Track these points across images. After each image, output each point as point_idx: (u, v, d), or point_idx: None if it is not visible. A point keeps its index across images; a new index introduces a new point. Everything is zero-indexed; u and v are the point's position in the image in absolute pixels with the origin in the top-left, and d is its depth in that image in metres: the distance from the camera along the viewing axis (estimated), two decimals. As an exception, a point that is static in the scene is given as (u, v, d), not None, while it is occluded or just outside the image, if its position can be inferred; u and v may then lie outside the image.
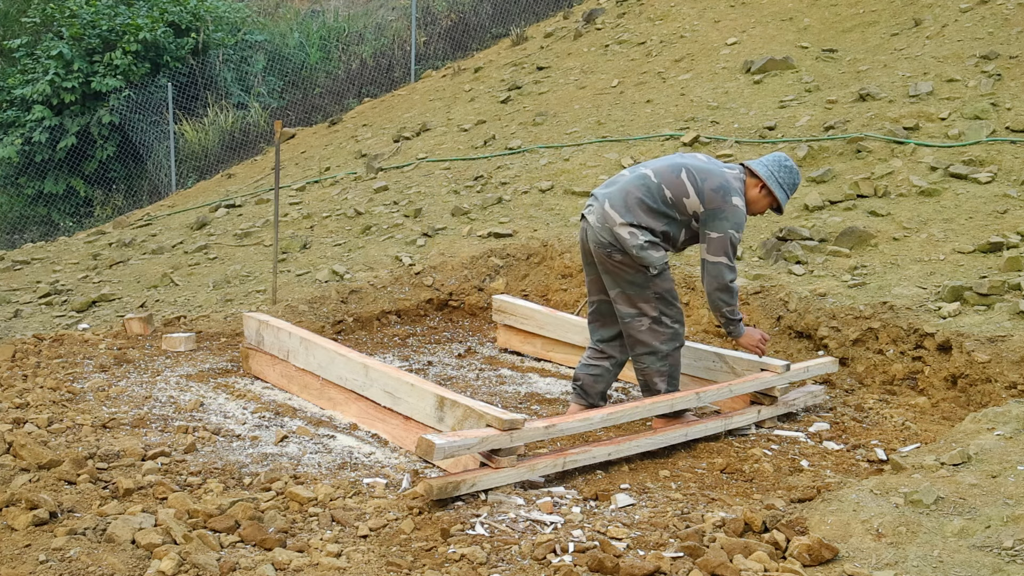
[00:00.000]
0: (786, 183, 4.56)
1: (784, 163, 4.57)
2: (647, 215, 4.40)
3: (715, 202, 4.39)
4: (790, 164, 4.59)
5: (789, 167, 4.58)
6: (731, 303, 4.46)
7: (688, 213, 4.43)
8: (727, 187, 4.42)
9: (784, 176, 4.55)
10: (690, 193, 4.40)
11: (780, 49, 9.90)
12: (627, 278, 4.43)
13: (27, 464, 3.77)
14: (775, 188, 4.53)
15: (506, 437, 3.73)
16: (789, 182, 4.57)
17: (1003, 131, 7.05)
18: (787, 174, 4.56)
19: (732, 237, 4.38)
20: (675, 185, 4.42)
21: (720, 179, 4.44)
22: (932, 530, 3.11)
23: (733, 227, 4.38)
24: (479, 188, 8.63)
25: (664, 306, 4.46)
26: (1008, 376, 4.59)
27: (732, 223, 4.38)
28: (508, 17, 15.97)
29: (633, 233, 4.35)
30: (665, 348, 4.49)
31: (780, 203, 4.58)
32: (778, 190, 4.54)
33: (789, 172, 4.57)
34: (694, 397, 4.45)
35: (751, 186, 4.55)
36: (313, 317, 6.48)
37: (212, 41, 16.00)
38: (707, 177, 4.43)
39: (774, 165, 4.56)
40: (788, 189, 4.59)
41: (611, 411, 4.23)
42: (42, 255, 9.15)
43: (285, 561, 3.08)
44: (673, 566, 3.02)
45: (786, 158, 4.61)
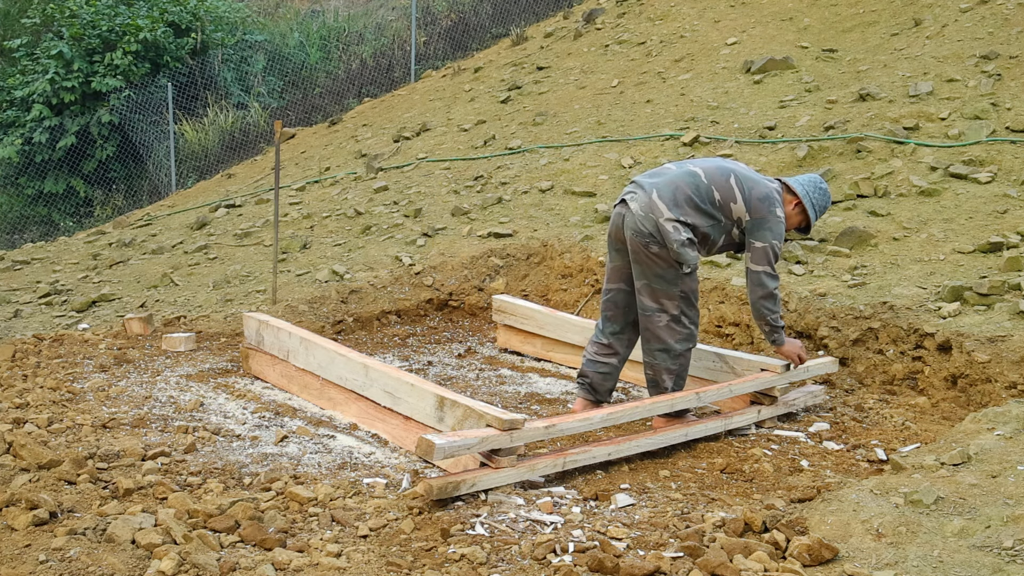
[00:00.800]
0: (819, 204, 4.67)
1: (820, 185, 4.68)
2: (694, 213, 4.43)
3: (760, 212, 4.46)
4: (825, 187, 4.70)
5: (824, 190, 4.69)
6: (775, 310, 4.53)
7: (733, 219, 4.49)
8: (772, 198, 4.49)
9: (818, 197, 4.66)
10: (738, 199, 4.46)
11: (780, 49, 9.90)
12: (657, 271, 4.42)
13: (27, 464, 3.77)
14: (808, 207, 4.62)
15: (506, 437, 3.73)
16: (821, 203, 4.68)
17: (1003, 131, 7.05)
18: (821, 195, 4.67)
19: (775, 247, 4.47)
20: (725, 189, 4.47)
21: (765, 190, 4.51)
22: (932, 530, 3.11)
23: (776, 237, 4.47)
24: (479, 188, 8.63)
25: (686, 306, 4.50)
26: (1008, 376, 4.59)
27: (775, 233, 4.47)
28: (508, 17, 15.97)
29: (677, 228, 4.36)
30: (679, 347, 4.53)
31: (811, 222, 4.69)
32: (811, 210, 4.63)
33: (823, 194, 4.68)
34: (694, 397, 4.45)
35: (787, 202, 4.63)
36: (313, 317, 6.48)
37: (212, 41, 16.00)
38: (754, 186, 4.50)
39: (810, 185, 4.66)
40: (820, 210, 4.69)
41: (611, 411, 4.24)
42: (42, 255, 9.15)
43: (285, 561, 3.08)
44: (673, 566, 3.02)
45: (822, 181, 4.71)
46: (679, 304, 4.48)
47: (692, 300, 4.52)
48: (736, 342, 5.80)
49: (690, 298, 4.50)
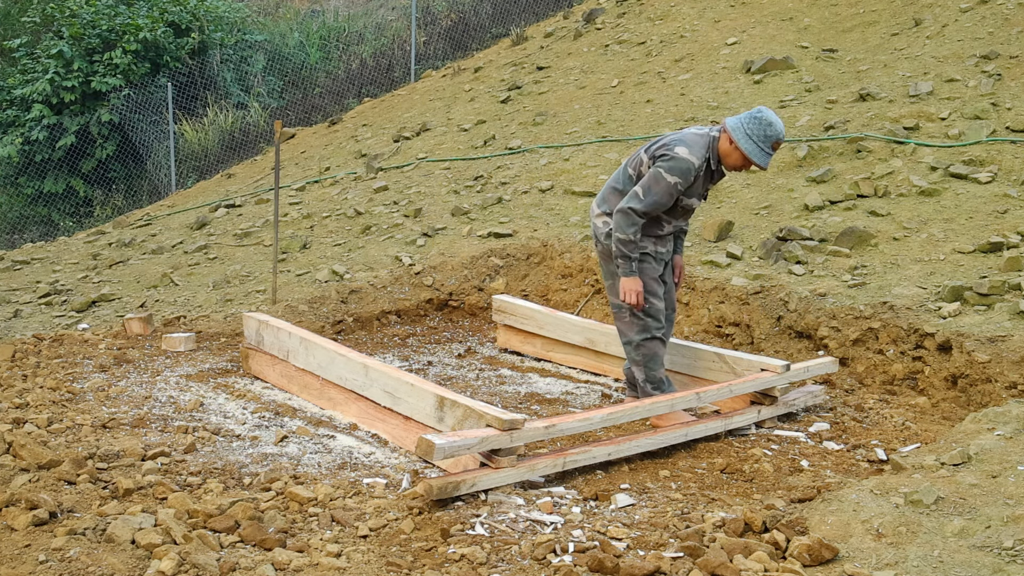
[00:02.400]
0: (754, 134, 4.40)
1: (755, 115, 4.44)
2: (617, 198, 4.61)
3: (659, 151, 4.51)
4: (762, 116, 4.43)
5: (759, 118, 4.42)
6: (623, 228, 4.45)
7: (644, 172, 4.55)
8: (676, 140, 4.49)
9: (752, 127, 4.41)
10: (643, 158, 4.56)
11: (780, 49, 9.90)
12: (610, 268, 4.67)
13: (27, 464, 3.77)
14: (740, 138, 4.40)
15: (506, 437, 3.73)
16: (758, 134, 4.40)
17: (1003, 131, 7.05)
18: (755, 125, 4.41)
19: (661, 177, 4.42)
20: (634, 159, 4.62)
21: (673, 137, 4.54)
22: (932, 530, 3.11)
23: (667, 169, 4.42)
24: (479, 188, 8.63)
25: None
26: (1008, 376, 4.59)
27: (667, 165, 4.43)
28: (508, 17, 15.97)
29: (606, 222, 4.62)
30: (636, 338, 4.65)
31: (745, 153, 4.42)
32: (743, 140, 4.40)
33: (758, 123, 4.41)
34: (694, 397, 4.45)
35: (724, 140, 4.49)
36: (313, 317, 6.48)
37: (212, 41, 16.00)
38: (662, 138, 4.58)
39: (745, 117, 4.46)
40: (758, 141, 4.41)
41: (611, 411, 4.24)
42: (42, 255, 9.15)
43: (285, 561, 3.08)
44: (673, 566, 3.02)
45: (761, 110, 4.47)
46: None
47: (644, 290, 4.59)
48: (736, 342, 5.80)
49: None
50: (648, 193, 4.45)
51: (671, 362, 5.11)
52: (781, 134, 4.46)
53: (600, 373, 5.62)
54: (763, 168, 4.50)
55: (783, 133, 4.47)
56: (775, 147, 4.46)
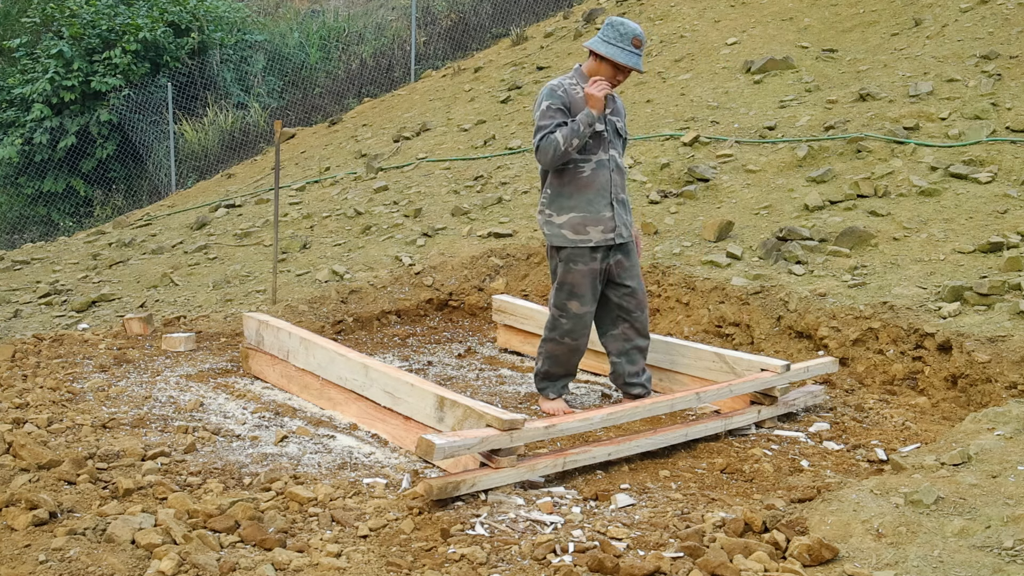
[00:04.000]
0: (609, 38, 4.47)
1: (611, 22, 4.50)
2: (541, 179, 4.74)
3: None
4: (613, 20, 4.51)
5: (611, 23, 4.50)
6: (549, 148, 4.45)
7: None
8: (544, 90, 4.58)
9: (607, 34, 4.48)
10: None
11: (780, 49, 9.90)
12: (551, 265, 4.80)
13: (27, 464, 3.77)
14: (596, 45, 4.49)
15: (506, 437, 3.73)
16: (612, 35, 4.47)
17: (1003, 131, 7.04)
18: (609, 30, 4.49)
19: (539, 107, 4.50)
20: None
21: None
22: (932, 530, 3.11)
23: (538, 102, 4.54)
24: (479, 188, 8.62)
25: (560, 296, 4.70)
26: (1008, 376, 4.59)
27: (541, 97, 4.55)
28: (508, 17, 15.97)
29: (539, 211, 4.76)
30: (544, 333, 4.78)
31: (603, 55, 4.46)
32: (599, 45, 4.48)
33: (611, 27, 4.49)
34: (694, 397, 4.45)
35: (590, 63, 4.58)
36: (313, 317, 6.48)
37: (211, 41, 16.00)
38: None
39: (604, 31, 4.52)
40: (614, 41, 4.47)
41: (611, 411, 4.24)
42: (42, 255, 9.15)
43: (285, 561, 3.08)
44: (673, 566, 3.02)
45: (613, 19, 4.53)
46: (554, 292, 4.73)
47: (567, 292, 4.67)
48: (736, 342, 5.80)
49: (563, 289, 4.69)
50: (538, 122, 4.51)
51: (671, 362, 5.12)
52: (637, 30, 4.50)
53: (600, 373, 5.62)
54: (636, 69, 4.49)
55: (639, 30, 4.51)
56: (636, 44, 4.48)
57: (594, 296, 4.69)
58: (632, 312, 4.77)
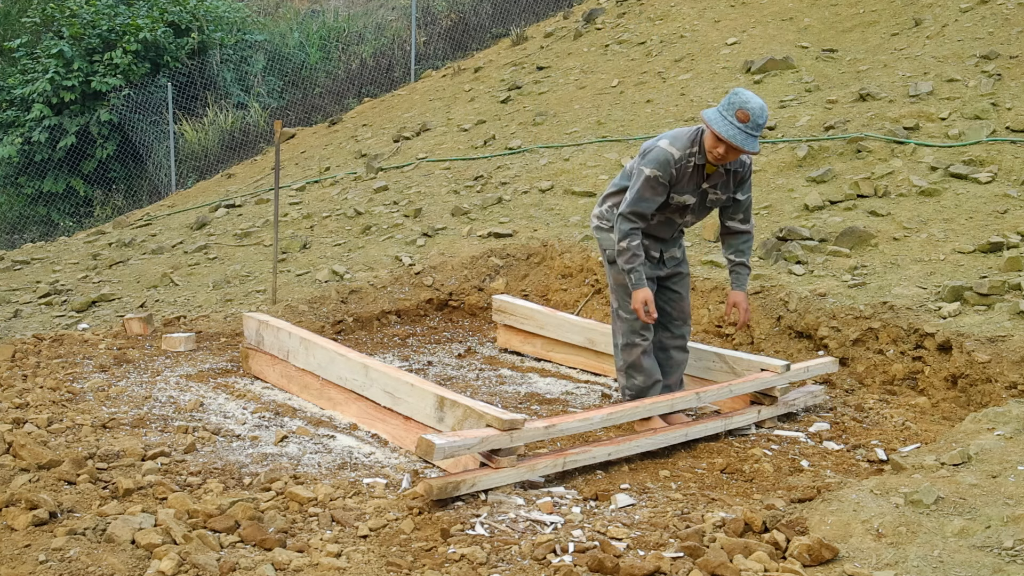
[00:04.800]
0: (724, 110, 4.17)
1: (730, 97, 4.20)
2: (612, 196, 4.65)
3: (644, 148, 4.49)
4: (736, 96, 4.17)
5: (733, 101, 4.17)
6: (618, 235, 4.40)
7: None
8: (662, 135, 4.46)
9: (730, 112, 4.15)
10: (637, 158, 4.54)
11: (780, 49, 9.90)
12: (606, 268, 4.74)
13: (27, 464, 3.77)
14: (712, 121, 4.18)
15: (506, 437, 3.73)
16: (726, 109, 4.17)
17: (1003, 131, 7.04)
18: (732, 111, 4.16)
19: (642, 171, 4.36)
20: (632, 161, 4.61)
21: (663, 135, 4.48)
22: (932, 530, 3.11)
23: (648, 163, 4.35)
24: (479, 188, 8.62)
25: (619, 298, 4.61)
26: (1008, 376, 4.59)
27: (648, 159, 4.36)
28: (508, 17, 15.97)
29: (598, 217, 4.70)
30: (619, 341, 4.64)
31: (717, 133, 4.14)
32: (716, 122, 4.16)
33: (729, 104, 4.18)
34: (694, 397, 4.45)
35: (709, 136, 4.26)
36: (313, 317, 6.48)
37: (211, 41, 15.99)
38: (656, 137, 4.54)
39: (725, 107, 4.19)
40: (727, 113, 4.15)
41: (611, 411, 4.24)
42: (42, 255, 9.14)
43: (285, 561, 3.08)
44: (673, 566, 3.02)
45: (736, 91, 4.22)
46: (616, 296, 4.63)
47: (622, 293, 4.59)
48: (736, 342, 5.80)
49: (619, 291, 4.61)
50: (632, 191, 4.37)
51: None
52: (755, 108, 4.13)
53: (600, 373, 5.62)
54: (748, 151, 4.18)
55: (759, 107, 4.15)
56: (744, 120, 4.12)
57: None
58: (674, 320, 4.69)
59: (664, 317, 4.67)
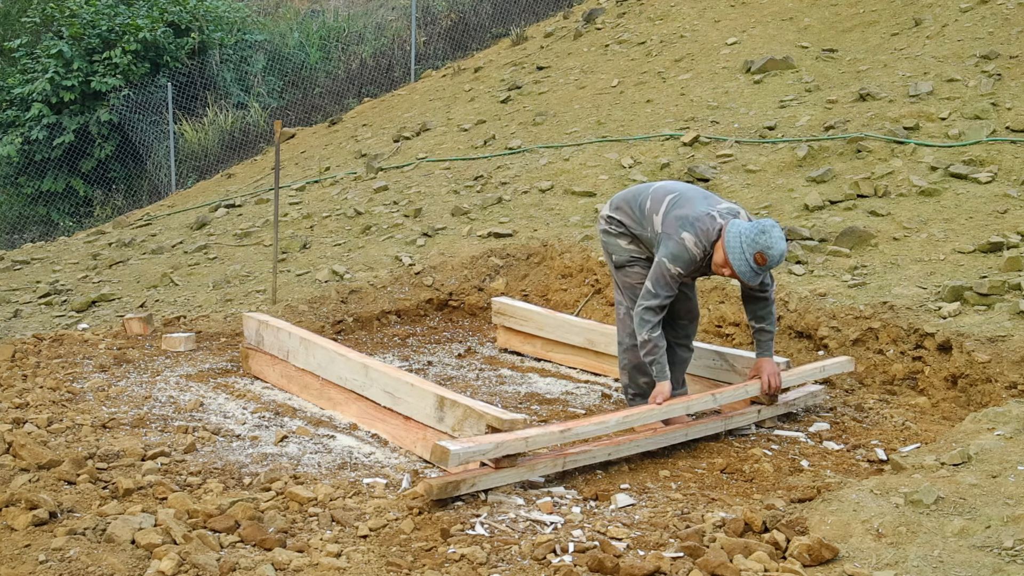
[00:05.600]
0: (746, 242, 4.08)
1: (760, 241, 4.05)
2: (624, 213, 4.63)
3: (669, 228, 4.29)
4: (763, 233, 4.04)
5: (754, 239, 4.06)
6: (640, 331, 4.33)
7: (655, 230, 4.40)
8: (689, 221, 4.23)
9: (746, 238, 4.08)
10: (660, 212, 4.39)
11: (780, 49, 9.90)
12: (610, 269, 4.80)
13: (27, 464, 3.77)
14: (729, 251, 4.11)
15: (521, 442, 3.71)
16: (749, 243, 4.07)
17: (1003, 131, 7.04)
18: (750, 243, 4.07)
19: (663, 266, 4.26)
20: (656, 201, 4.45)
21: (692, 213, 4.25)
22: (932, 530, 3.11)
23: (667, 257, 4.25)
24: (479, 188, 8.62)
25: (630, 299, 4.61)
26: (1008, 376, 4.59)
27: (669, 254, 4.25)
28: (508, 17, 15.97)
29: (607, 221, 4.70)
30: (627, 341, 4.64)
31: (731, 263, 4.10)
32: (731, 253, 4.10)
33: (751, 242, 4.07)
34: (710, 398, 4.47)
35: (719, 247, 4.19)
36: (313, 317, 6.48)
37: (211, 41, 15.99)
38: (684, 205, 4.31)
39: (748, 231, 4.09)
40: (747, 248, 4.07)
41: (626, 414, 4.23)
42: (42, 255, 9.14)
43: (285, 561, 3.08)
44: (673, 566, 3.02)
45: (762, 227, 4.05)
46: (628, 295, 4.64)
47: (632, 296, 4.60)
48: (736, 342, 5.80)
49: (628, 295, 4.63)
50: (656, 286, 4.30)
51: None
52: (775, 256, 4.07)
53: (600, 373, 5.62)
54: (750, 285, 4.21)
55: (779, 255, 4.08)
56: (760, 264, 4.09)
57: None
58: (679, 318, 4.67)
59: (671, 315, 4.63)
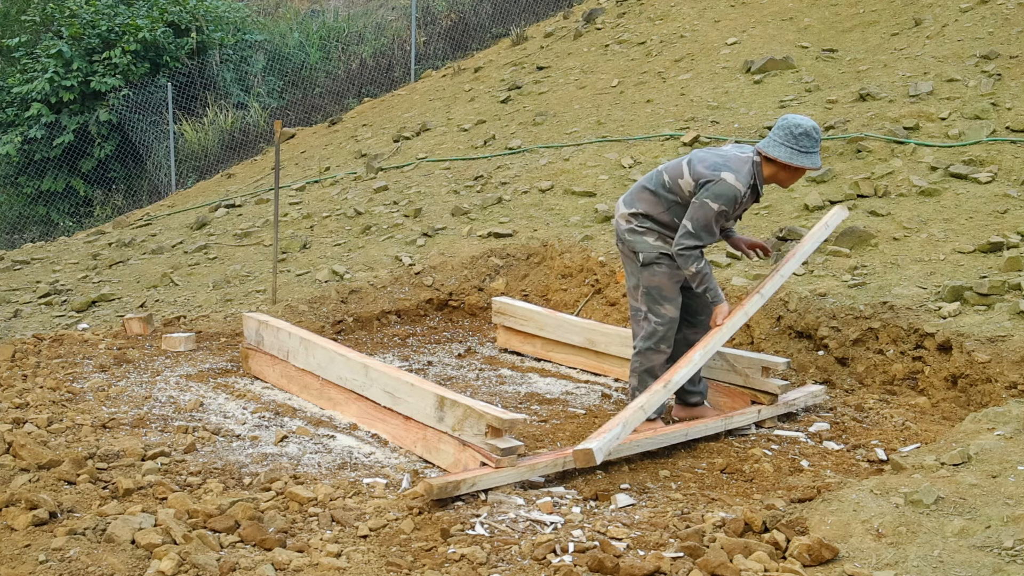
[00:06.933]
0: (800, 147, 4.32)
1: (793, 131, 4.32)
2: (647, 202, 4.56)
3: (704, 176, 4.40)
4: (798, 126, 4.32)
5: (794, 131, 4.32)
6: (687, 267, 4.41)
7: (686, 193, 4.47)
8: (720, 164, 4.38)
9: (792, 142, 4.32)
10: (684, 173, 4.47)
11: (780, 49, 9.90)
12: (629, 269, 4.64)
13: (27, 464, 3.77)
14: (773, 148, 4.33)
15: (640, 412, 4.05)
16: (799, 144, 4.32)
17: (1003, 131, 7.04)
18: (794, 140, 4.32)
19: (707, 206, 4.35)
20: (674, 168, 4.54)
21: (717, 159, 4.42)
22: (932, 530, 3.11)
23: (711, 197, 4.34)
24: (479, 188, 8.62)
25: (650, 302, 4.52)
26: (1008, 376, 4.59)
27: (712, 194, 4.34)
28: (508, 17, 15.97)
29: (629, 219, 4.59)
30: (639, 344, 4.57)
31: (787, 161, 4.32)
32: (779, 149, 4.32)
33: (793, 138, 4.32)
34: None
35: (766, 166, 4.42)
36: (313, 317, 6.48)
37: (211, 41, 15.99)
38: (705, 158, 4.47)
39: (781, 136, 4.35)
40: (802, 149, 4.33)
41: (704, 346, 4.41)
42: (42, 255, 9.15)
43: (285, 561, 3.08)
44: (673, 566, 3.02)
45: (794, 123, 4.34)
46: (644, 300, 4.55)
47: (655, 296, 4.51)
48: (736, 342, 5.80)
49: (652, 294, 4.51)
50: (697, 225, 4.37)
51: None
52: (809, 127, 4.34)
53: (600, 373, 5.62)
54: (815, 168, 4.41)
55: (812, 125, 4.35)
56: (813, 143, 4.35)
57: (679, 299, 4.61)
58: (699, 315, 4.68)
59: (687, 312, 4.65)
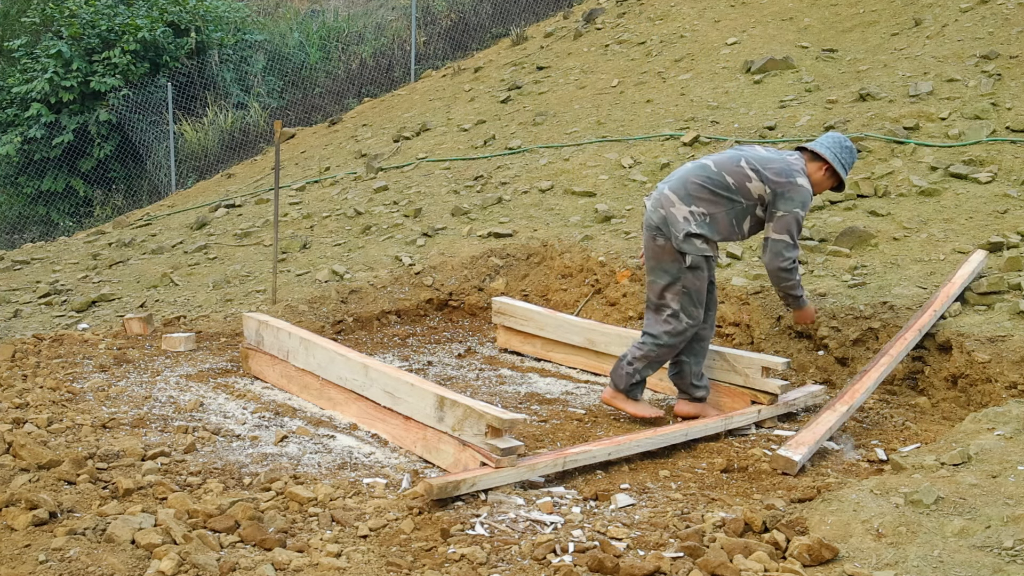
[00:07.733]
0: (847, 161, 4.72)
1: (844, 143, 4.73)
2: (709, 202, 4.55)
3: (780, 184, 4.53)
4: (849, 144, 4.76)
5: (849, 147, 4.74)
6: (790, 280, 4.61)
7: (754, 197, 4.55)
8: (789, 169, 4.57)
9: (844, 155, 4.71)
10: (752, 178, 4.54)
11: (780, 49, 9.90)
12: (663, 266, 4.56)
13: (27, 464, 3.77)
14: (838, 167, 4.67)
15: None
16: (849, 160, 4.74)
17: (1003, 131, 7.04)
18: (847, 153, 4.73)
19: (797, 216, 4.53)
20: (736, 172, 4.57)
21: (781, 163, 4.59)
22: (932, 530, 3.11)
23: (799, 206, 4.53)
24: (479, 188, 8.62)
25: (687, 303, 4.54)
26: (1008, 376, 4.59)
27: (798, 202, 4.53)
28: (508, 17, 15.97)
29: (688, 220, 4.51)
30: (665, 339, 4.59)
31: (842, 181, 4.76)
32: (840, 168, 4.68)
33: (849, 152, 4.74)
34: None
35: (814, 169, 4.69)
36: (313, 317, 6.48)
37: (211, 41, 15.99)
38: (767, 163, 4.59)
39: (835, 146, 4.70)
40: (848, 166, 4.75)
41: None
42: (42, 255, 9.14)
43: (285, 561, 3.08)
44: (673, 566, 3.02)
45: (844, 138, 4.76)
46: (680, 300, 4.53)
47: (693, 298, 4.53)
48: (736, 342, 5.80)
49: (691, 295, 4.53)
50: (795, 235, 4.55)
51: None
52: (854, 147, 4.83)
53: (600, 373, 5.62)
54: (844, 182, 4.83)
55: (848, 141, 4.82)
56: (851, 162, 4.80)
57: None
58: (709, 309, 4.74)
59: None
